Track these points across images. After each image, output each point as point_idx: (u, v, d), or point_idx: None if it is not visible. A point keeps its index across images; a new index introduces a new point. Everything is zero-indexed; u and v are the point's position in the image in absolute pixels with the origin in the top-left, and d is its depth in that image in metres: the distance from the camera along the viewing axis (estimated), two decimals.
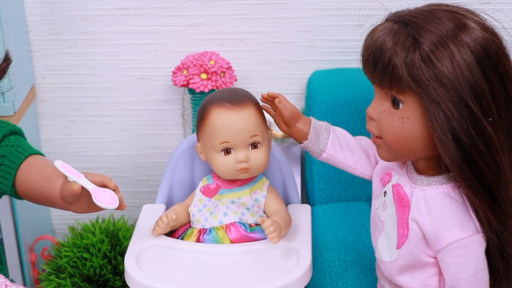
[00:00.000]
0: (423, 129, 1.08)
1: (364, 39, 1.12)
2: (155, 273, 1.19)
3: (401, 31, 1.07)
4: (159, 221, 1.26)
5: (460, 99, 1.03)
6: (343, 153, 1.30)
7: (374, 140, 1.15)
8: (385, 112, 1.11)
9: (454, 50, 1.04)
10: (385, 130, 1.11)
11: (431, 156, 1.12)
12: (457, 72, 1.03)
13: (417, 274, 1.19)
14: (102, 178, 1.16)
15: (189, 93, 1.72)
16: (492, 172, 1.07)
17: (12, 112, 1.67)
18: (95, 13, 1.75)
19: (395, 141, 1.11)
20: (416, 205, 1.15)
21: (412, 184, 1.17)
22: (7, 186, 1.22)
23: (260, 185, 1.32)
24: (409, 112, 1.08)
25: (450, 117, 1.04)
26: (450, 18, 1.07)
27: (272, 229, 1.20)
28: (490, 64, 1.06)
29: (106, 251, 1.73)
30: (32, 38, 1.78)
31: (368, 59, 1.10)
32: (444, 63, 1.03)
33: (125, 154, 1.89)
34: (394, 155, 1.14)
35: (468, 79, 1.03)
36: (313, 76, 1.71)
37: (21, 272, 1.78)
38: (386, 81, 1.07)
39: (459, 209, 1.11)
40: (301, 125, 1.30)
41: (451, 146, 1.05)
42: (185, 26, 1.75)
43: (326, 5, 1.71)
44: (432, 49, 1.04)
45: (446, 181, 1.14)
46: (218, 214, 1.29)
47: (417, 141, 1.09)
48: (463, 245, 1.10)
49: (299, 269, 1.19)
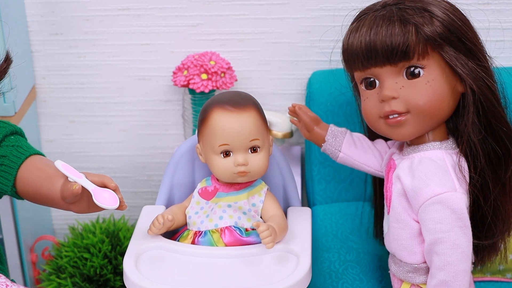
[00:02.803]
0: (447, 86, 1.20)
1: (354, 39, 1.22)
2: (153, 276, 1.19)
3: (400, 9, 1.19)
4: (155, 221, 1.26)
5: (466, 39, 1.19)
6: (358, 152, 1.38)
7: (397, 120, 1.21)
8: (404, 87, 1.20)
9: (436, 4, 1.20)
10: (415, 99, 1.19)
11: (449, 116, 1.24)
12: (453, 17, 1.19)
13: (406, 243, 1.25)
14: (102, 178, 1.16)
15: (189, 94, 1.72)
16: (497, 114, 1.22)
17: (12, 112, 1.67)
18: (96, 13, 1.75)
19: (428, 105, 1.19)
20: (401, 167, 1.24)
21: (403, 157, 1.27)
22: (8, 186, 1.22)
23: (258, 189, 1.31)
24: (432, 74, 1.19)
25: (469, 60, 1.19)
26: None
27: (267, 234, 1.20)
28: (460, 11, 1.24)
29: (106, 251, 1.73)
30: (33, 38, 1.79)
31: (373, 49, 1.19)
32: (441, 14, 1.19)
33: (126, 154, 1.90)
34: (421, 126, 1.22)
35: (461, 20, 1.20)
36: (313, 76, 1.71)
37: (22, 272, 1.78)
38: (407, 55, 1.18)
39: (439, 169, 1.20)
40: (320, 129, 1.41)
41: (481, 84, 1.19)
42: (185, 27, 1.75)
43: (326, 5, 1.71)
44: (428, 9, 1.19)
45: (434, 148, 1.24)
46: (214, 217, 1.29)
47: (446, 99, 1.20)
48: (439, 201, 1.17)
49: (298, 272, 1.18)
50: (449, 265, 1.17)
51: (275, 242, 1.22)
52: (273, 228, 1.22)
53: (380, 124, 1.24)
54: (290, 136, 1.70)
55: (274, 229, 1.22)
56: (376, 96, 1.23)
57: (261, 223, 1.21)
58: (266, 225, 1.21)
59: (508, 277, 1.49)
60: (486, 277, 1.48)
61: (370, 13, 1.22)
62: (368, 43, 1.19)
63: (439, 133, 1.26)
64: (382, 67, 1.20)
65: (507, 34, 1.71)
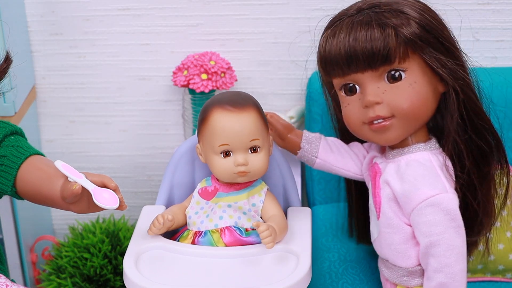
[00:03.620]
0: (429, 87, 1.19)
1: (332, 45, 1.20)
2: (153, 276, 1.19)
3: (377, 13, 1.18)
4: (155, 221, 1.26)
5: (442, 38, 1.19)
6: (335, 157, 1.36)
7: (382, 125, 1.20)
8: (386, 91, 1.19)
9: (409, 5, 1.19)
10: (400, 102, 1.18)
11: (432, 116, 1.24)
12: (427, 17, 1.19)
13: (400, 247, 1.24)
14: (102, 178, 1.16)
15: (189, 94, 1.72)
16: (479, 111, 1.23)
17: (12, 112, 1.67)
18: (96, 13, 1.75)
19: (412, 107, 1.18)
20: (388, 172, 1.24)
21: (387, 160, 1.26)
22: (8, 186, 1.22)
23: (258, 189, 1.31)
24: (414, 77, 1.18)
25: (447, 59, 1.19)
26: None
27: (267, 234, 1.20)
28: (431, 9, 1.23)
29: (106, 251, 1.73)
30: (33, 38, 1.79)
31: (354, 55, 1.18)
32: (416, 15, 1.18)
33: (126, 154, 1.90)
34: (406, 129, 1.21)
35: (435, 19, 1.20)
36: (313, 76, 1.71)
37: (22, 272, 1.78)
38: (388, 59, 1.17)
39: (427, 172, 1.20)
40: (294, 136, 1.38)
41: (461, 83, 1.19)
42: (185, 27, 1.75)
43: (326, 5, 1.71)
44: (402, 10, 1.18)
45: (419, 150, 1.23)
46: (214, 217, 1.29)
47: (429, 100, 1.20)
48: (432, 203, 1.17)
49: (298, 272, 1.18)
50: (446, 267, 1.17)
51: (275, 242, 1.22)
52: (273, 228, 1.22)
53: (364, 130, 1.23)
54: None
55: (274, 229, 1.22)
56: (358, 101, 1.22)
57: (261, 223, 1.21)
58: (266, 225, 1.21)
59: (508, 277, 1.49)
60: (486, 277, 1.48)
61: (345, 18, 1.21)
62: (348, 49, 1.18)
63: (421, 134, 1.25)
64: (363, 72, 1.19)
65: (507, 34, 1.71)
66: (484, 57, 1.72)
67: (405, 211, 1.21)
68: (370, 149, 1.35)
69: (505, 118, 1.59)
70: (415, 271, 1.25)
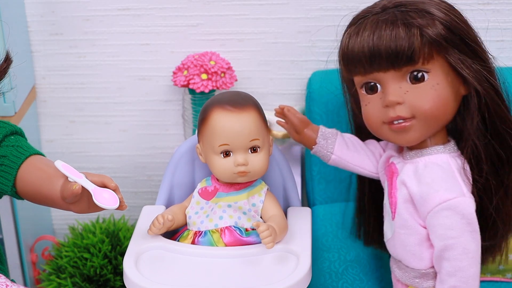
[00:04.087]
0: (452, 89, 1.18)
1: (356, 43, 1.19)
2: (153, 276, 1.19)
3: (402, 12, 1.17)
4: (155, 221, 1.26)
5: (468, 40, 1.18)
6: (351, 154, 1.35)
7: (403, 126, 1.19)
8: (408, 92, 1.18)
9: (435, 6, 1.18)
10: (422, 103, 1.17)
11: (452, 119, 1.23)
12: (453, 18, 1.17)
13: (414, 249, 1.23)
14: (102, 178, 1.16)
15: (189, 94, 1.72)
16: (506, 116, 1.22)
17: (12, 112, 1.67)
18: (96, 13, 1.75)
19: (434, 109, 1.17)
20: (405, 172, 1.22)
21: (405, 161, 1.24)
22: (8, 186, 1.22)
23: (258, 189, 1.31)
24: (436, 79, 1.17)
25: (473, 61, 1.17)
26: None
27: (267, 234, 1.20)
28: (457, 10, 1.22)
29: (106, 251, 1.73)
30: (33, 38, 1.79)
31: (377, 54, 1.16)
32: (442, 15, 1.17)
33: (126, 154, 1.90)
34: (427, 130, 1.20)
35: (462, 20, 1.19)
36: (313, 76, 1.71)
37: (22, 272, 1.78)
38: (412, 59, 1.15)
39: (445, 174, 1.18)
40: (310, 131, 1.37)
41: (486, 85, 1.18)
42: (185, 27, 1.75)
43: (326, 5, 1.71)
44: (429, 10, 1.17)
45: (437, 152, 1.22)
46: (214, 217, 1.29)
47: (450, 102, 1.19)
48: (448, 207, 1.16)
49: (298, 272, 1.18)
50: (460, 271, 1.16)
51: (275, 242, 1.22)
52: (273, 228, 1.22)
53: (383, 129, 1.22)
54: (290, 136, 1.70)
55: (274, 229, 1.22)
56: (379, 101, 1.20)
57: (261, 223, 1.21)
58: (266, 225, 1.21)
59: (508, 277, 1.50)
60: (486, 277, 1.48)
61: (370, 16, 1.19)
62: (372, 47, 1.16)
63: (440, 136, 1.24)
64: (385, 72, 1.18)
65: (507, 34, 1.71)
66: None
67: (421, 213, 1.20)
68: (387, 148, 1.33)
69: None
70: (428, 273, 1.23)
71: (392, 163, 1.28)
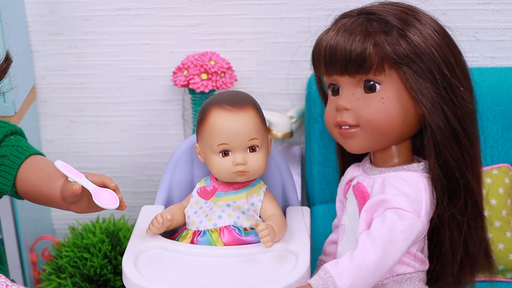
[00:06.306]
0: (401, 107, 1.17)
1: (322, 40, 1.21)
2: (153, 275, 1.19)
3: (368, 20, 1.17)
4: (154, 221, 1.26)
5: (437, 69, 1.15)
6: None
7: (348, 132, 1.20)
8: (359, 99, 1.18)
9: (420, 28, 1.16)
10: (366, 114, 1.17)
11: (404, 139, 1.21)
12: (428, 45, 1.15)
13: None
14: (102, 178, 1.16)
15: (189, 94, 1.72)
16: (468, 137, 1.18)
17: (12, 112, 1.67)
18: (96, 13, 1.75)
19: (378, 122, 1.17)
20: (375, 188, 1.20)
21: (370, 176, 1.23)
22: (8, 186, 1.22)
23: (257, 189, 1.31)
24: (387, 92, 1.17)
25: (431, 88, 1.14)
26: (403, 8, 1.20)
27: (266, 233, 1.20)
28: (451, 41, 1.19)
29: (106, 251, 1.74)
30: (33, 38, 1.79)
31: (334, 55, 1.18)
32: (416, 38, 1.15)
33: (126, 154, 1.90)
34: (370, 141, 1.20)
35: (438, 51, 1.15)
36: (313, 76, 1.71)
37: (22, 272, 1.78)
38: (363, 67, 1.15)
39: (412, 191, 1.17)
40: None
41: (438, 114, 1.15)
42: (185, 27, 1.76)
43: (326, 5, 1.71)
44: (403, 28, 1.15)
45: (408, 170, 1.21)
46: (213, 216, 1.29)
47: (397, 119, 1.17)
48: (400, 214, 1.14)
49: (297, 271, 1.18)
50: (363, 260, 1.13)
51: (274, 241, 1.22)
52: (272, 228, 1.22)
53: (334, 132, 1.24)
54: (290, 136, 1.70)
55: (273, 228, 1.22)
56: (335, 103, 1.22)
57: (260, 222, 1.21)
58: (265, 224, 1.21)
59: (508, 277, 1.50)
60: (486, 277, 1.48)
61: (345, 19, 1.21)
62: (331, 47, 1.18)
63: (406, 154, 1.23)
64: (341, 75, 1.19)
65: (507, 34, 1.71)
66: (484, 57, 1.72)
67: (368, 205, 1.19)
68: (348, 172, 1.31)
69: (505, 118, 1.59)
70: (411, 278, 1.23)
71: (358, 183, 1.25)
